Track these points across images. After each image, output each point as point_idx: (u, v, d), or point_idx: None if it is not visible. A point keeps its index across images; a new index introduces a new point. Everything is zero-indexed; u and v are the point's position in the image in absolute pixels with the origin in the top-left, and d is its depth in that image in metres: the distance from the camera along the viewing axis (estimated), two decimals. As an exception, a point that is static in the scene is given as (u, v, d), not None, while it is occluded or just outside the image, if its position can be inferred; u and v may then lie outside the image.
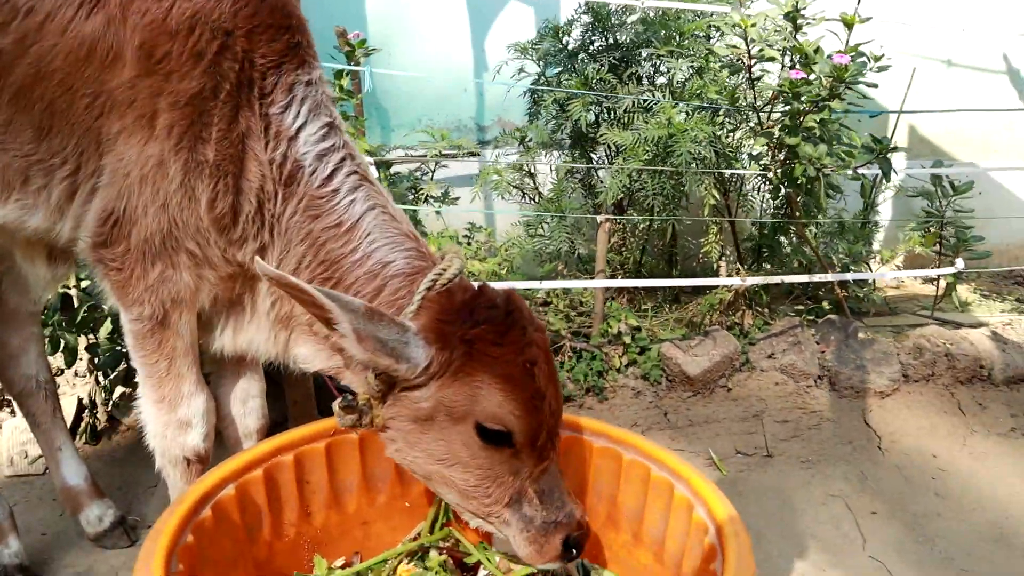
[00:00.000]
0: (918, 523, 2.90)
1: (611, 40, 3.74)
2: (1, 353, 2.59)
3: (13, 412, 3.40)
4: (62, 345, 3.12)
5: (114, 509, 2.76)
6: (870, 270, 4.85)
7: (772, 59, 3.09)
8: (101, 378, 3.38)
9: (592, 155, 3.94)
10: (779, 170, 3.20)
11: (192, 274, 1.93)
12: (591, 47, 3.82)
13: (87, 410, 3.42)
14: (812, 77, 2.93)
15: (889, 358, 3.67)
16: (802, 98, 2.91)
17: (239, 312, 2.06)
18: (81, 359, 3.53)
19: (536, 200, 4.04)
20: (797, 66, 2.98)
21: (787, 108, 3.04)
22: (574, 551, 1.76)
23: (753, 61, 3.09)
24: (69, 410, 3.36)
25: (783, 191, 3.81)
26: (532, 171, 4.02)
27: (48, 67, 1.80)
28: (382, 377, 1.74)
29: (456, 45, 4.77)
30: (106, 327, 3.21)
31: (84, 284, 3.26)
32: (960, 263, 3.72)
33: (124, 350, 3.15)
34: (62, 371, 3.63)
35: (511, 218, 4.14)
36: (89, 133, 1.85)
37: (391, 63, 4.44)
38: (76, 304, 3.16)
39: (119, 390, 3.45)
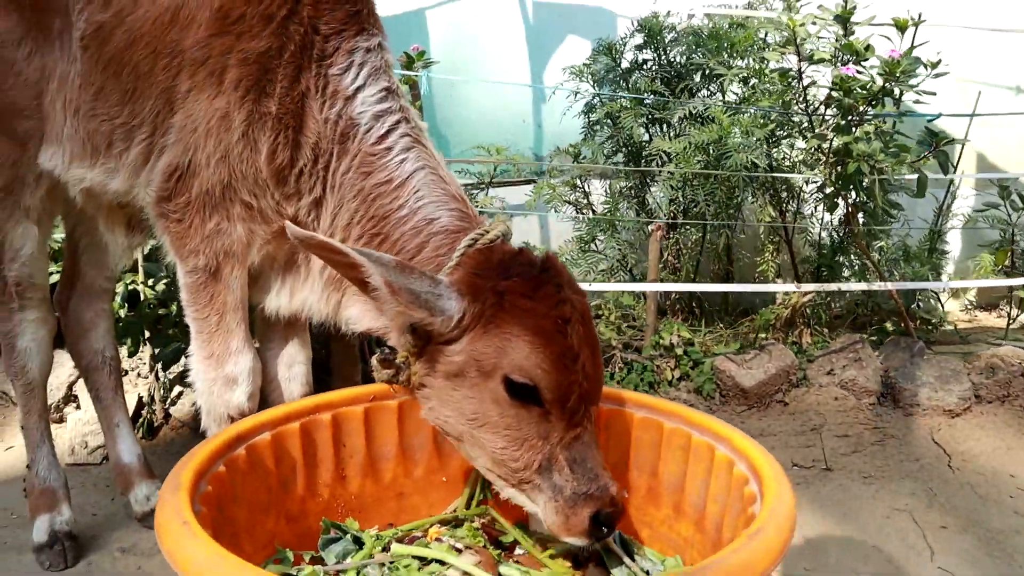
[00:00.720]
0: (995, 539, 2.68)
1: (663, 57, 3.80)
2: (74, 326, 2.72)
3: (79, 406, 3.54)
4: (127, 335, 3.24)
5: (162, 490, 2.81)
6: (939, 300, 4.65)
7: (823, 60, 3.08)
8: (160, 374, 3.49)
9: (646, 173, 3.96)
10: (832, 174, 3.14)
11: (245, 227, 2.01)
12: (644, 66, 3.89)
13: (146, 407, 3.53)
14: (863, 76, 2.90)
15: (959, 376, 3.47)
16: (853, 94, 2.88)
17: (295, 273, 2.13)
18: (143, 361, 3.67)
19: (590, 215, 4.06)
20: (849, 64, 2.96)
21: (839, 106, 3.00)
22: (604, 529, 1.66)
23: (803, 64, 3.09)
24: (129, 406, 3.48)
25: (840, 207, 3.73)
26: (586, 188, 4.06)
27: (138, 33, 1.99)
28: (419, 332, 1.75)
29: (516, 77, 4.93)
30: (168, 321, 3.34)
31: (152, 281, 3.42)
32: (1032, 274, 3.53)
33: (184, 346, 3.26)
34: (126, 372, 3.77)
35: (565, 235, 4.17)
36: (164, 93, 2.00)
37: (452, 95, 4.62)
38: (143, 298, 3.31)
39: (176, 389, 3.56)
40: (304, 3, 1.91)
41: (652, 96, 3.64)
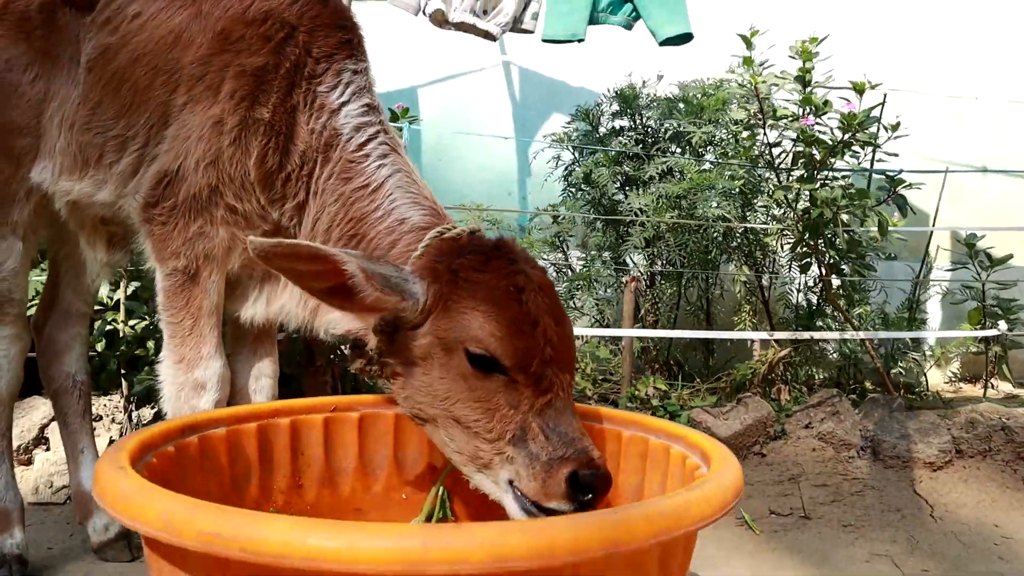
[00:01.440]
0: (976, 583, 2.60)
1: (637, 121, 3.99)
2: (48, 349, 2.74)
3: (48, 448, 3.50)
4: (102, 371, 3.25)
5: (121, 522, 2.74)
6: (921, 368, 4.66)
7: (784, 117, 3.24)
8: (134, 414, 3.47)
9: (620, 231, 4.08)
10: (800, 225, 3.24)
11: (228, 231, 2.09)
12: (621, 133, 4.08)
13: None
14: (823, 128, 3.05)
15: (938, 429, 3.44)
16: (815, 145, 3.01)
17: (273, 281, 2.19)
18: (117, 407, 3.65)
19: (568, 275, 4.14)
20: (809, 116, 3.12)
21: (802, 156, 3.14)
22: (586, 493, 1.61)
23: (767, 116, 3.25)
24: (101, 447, 3.44)
25: (814, 267, 3.81)
26: (565, 248, 4.16)
27: (141, 52, 2.15)
28: (388, 323, 1.79)
29: (503, 152, 5.14)
30: (144, 361, 3.35)
31: (133, 323, 3.46)
32: (1003, 325, 3.57)
33: (158, 384, 3.26)
34: (99, 417, 3.74)
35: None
36: (160, 107, 2.13)
37: (439, 168, 4.81)
38: (121, 335, 3.34)
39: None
40: (301, 30, 2.08)
41: (626, 157, 3.80)
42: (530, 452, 1.65)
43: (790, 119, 3.17)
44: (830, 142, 3.18)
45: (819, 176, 3.13)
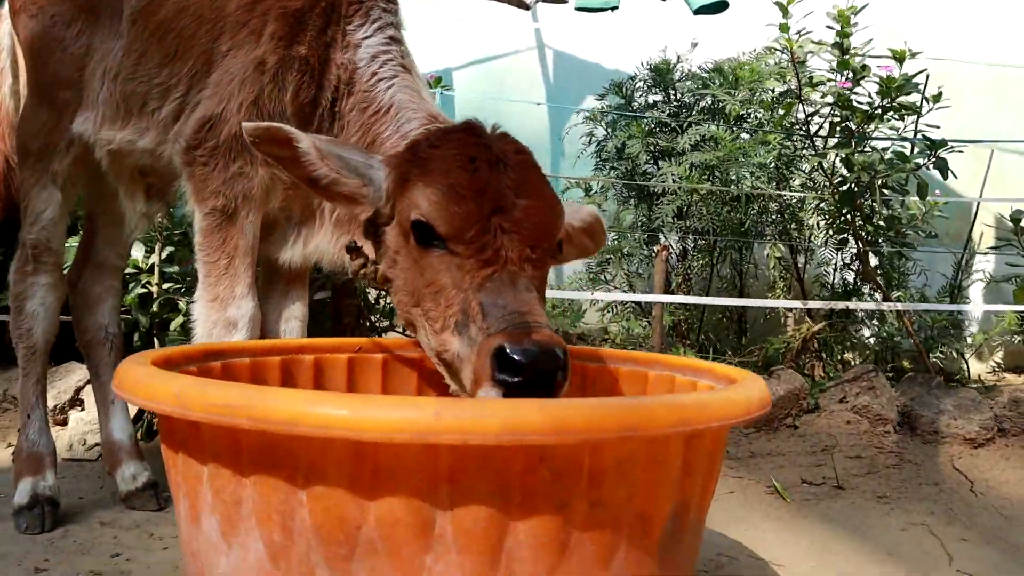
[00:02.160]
0: (1021, 552, 2.49)
1: (671, 95, 3.95)
2: (81, 301, 2.79)
3: (83, 408, 3.56)
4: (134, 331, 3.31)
5: (149, 472, 2.77)
6: (964, 358, 4.51)
7: (821, 83, 3.17)
8: (165, 376, 3.51)
9: (653, 204, 4.03)
10: (835, 195, 3.16)
11: (267, 171, 2.12)
12: (655, 107, 4.04)
13: (146, 411, 3.53)
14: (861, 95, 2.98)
15: (980, 406, 3.33)
16: (853, 112, 2.94)
17: (310, 224, 2.23)
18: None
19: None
20: (847, 80, 3.05)
21: (839, 125, 3.06)
22: (515, 376, 1.31)
23: (803, 87, 3.19)
24: (131, 410, 3.49)
25: (851, 242, 3.72)
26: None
27: (186, 3, 2.21)
28: (371, 219, 1.78)
29: (537, 135, 5.13)
30: (177, 321, 3.40)
31: (167, 286, 3.52)
32: (1050, 299, 3.43)
33: (191, 323, 3.30)
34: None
35: (576, 270, 4.20)
36: (204, 55, 2.18)
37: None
38: (154, 296, 3.39)
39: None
40: None
41: (659, 129, 3.76)
42: (471, 338, 1.44)
43: (827, 84, 3.10)
44: (868, 108, 3.10)
45: (856, 145, 3.05)
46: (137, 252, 3.50)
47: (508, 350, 1.31)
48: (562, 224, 1.66)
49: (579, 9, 3.64)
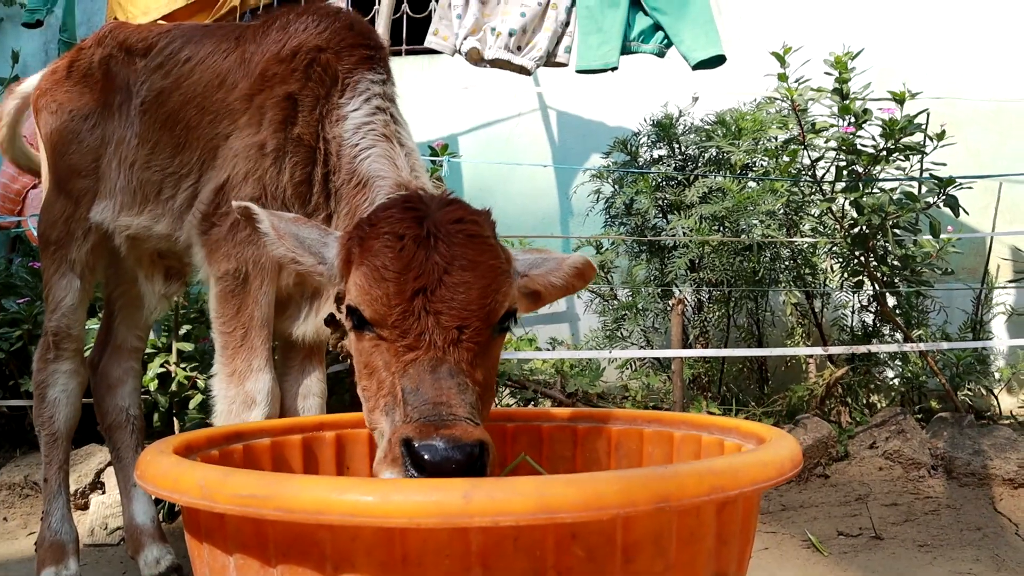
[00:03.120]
0: (1072, 599, 2.40)
1: (676, 148, 3.99)
2: (102, 383, 2.81)
3: (103, 491, 3.54)
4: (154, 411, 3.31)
5: (172, 555, 2.74)
6: (993, 394, 4.43)
7: (823, 129, 3.20)
8: (186, 456, 3.49)
9: (665, 259, 4.03)
10: (847, 239, 3.15)
11: None
12: (660, 161, 4.09)
13: (169, 493, 3.51)
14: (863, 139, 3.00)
15: (1016, 444, 3.24)
16: (858, 155, 2.96)
17: (322, 297, 2.24)
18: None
19: (614, 304, 4.10)
20: (849, 125, 3.07)
21: (845, 169, 3.08)
22: (431, 474, 1.26)
23: (806, 133, 3.22)
24: (153, 491, 3.47)
25: (867, 284, 3.69)
26: (609, 279, 4.13)
27: (191, 94, 2.31)
28: (339, 295, 1.70)
29: (544, 196, 5.19)
30: (196, 400, 3.40)
31: (184, 364, 3.53)
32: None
33: (211, 399, 3.29)
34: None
35: (592, 327, 4.19)
36: (209, 142, 2.26)
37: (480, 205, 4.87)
38: (173, 375, 3.40)
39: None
40: (328, 51, 2.20)
41: (666, 183, 3.79)
42: (394, 420, 1.41)
43: (830, 129, 3.13)
44: (872, 151, 3.12)
45: (864, 187, 3.06)
46: (153, 332, 3.53)
47: (416, 445, 1.29)
48: (506, 293, 1.54)
49: (580, 71, 3.72)
